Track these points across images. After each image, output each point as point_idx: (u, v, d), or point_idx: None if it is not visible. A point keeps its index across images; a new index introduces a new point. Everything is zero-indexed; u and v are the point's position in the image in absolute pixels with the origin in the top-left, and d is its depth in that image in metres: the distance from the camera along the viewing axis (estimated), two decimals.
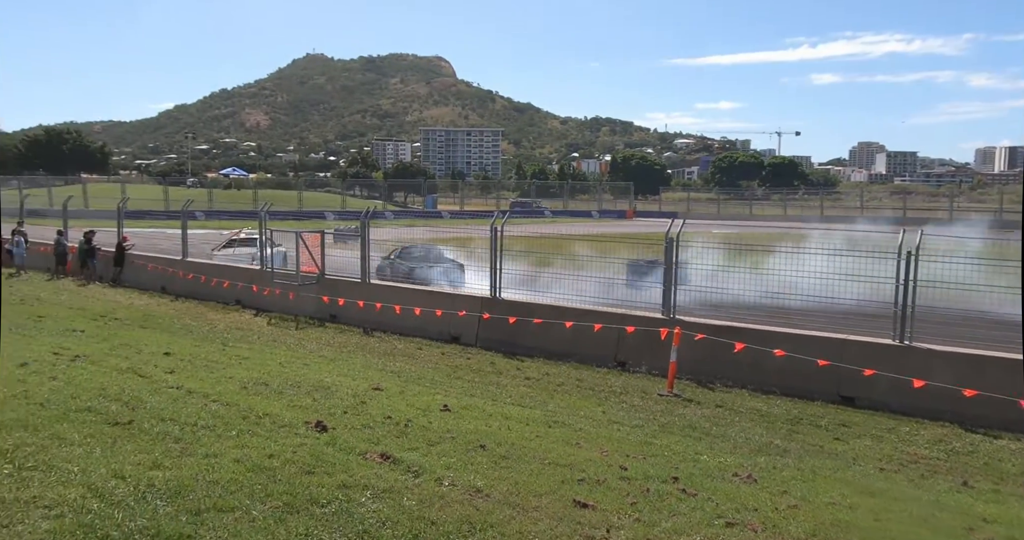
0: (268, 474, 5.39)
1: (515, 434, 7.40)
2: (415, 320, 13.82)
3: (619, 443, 7.56)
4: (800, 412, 9.78)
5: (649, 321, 11.93)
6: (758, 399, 10.37)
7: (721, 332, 11.24)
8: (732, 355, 10.79)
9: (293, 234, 16.95)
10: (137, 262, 20.71)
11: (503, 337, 13.05)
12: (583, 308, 12.69)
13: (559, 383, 10.85)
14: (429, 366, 11.72)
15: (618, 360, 12.02)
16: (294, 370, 10.09)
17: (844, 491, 6.51)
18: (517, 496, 5.44)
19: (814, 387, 10.44)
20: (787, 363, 10.49)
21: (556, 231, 19.04)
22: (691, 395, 10.37)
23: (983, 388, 9.26)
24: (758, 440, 8.38)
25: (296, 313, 15.95)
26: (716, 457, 7.33)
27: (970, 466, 7.93)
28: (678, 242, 12.35)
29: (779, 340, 10.85)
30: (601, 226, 43.45)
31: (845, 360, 10.34)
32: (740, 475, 6.62)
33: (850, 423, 9.36)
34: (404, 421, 7.44)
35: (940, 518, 5.96)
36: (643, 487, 5.90)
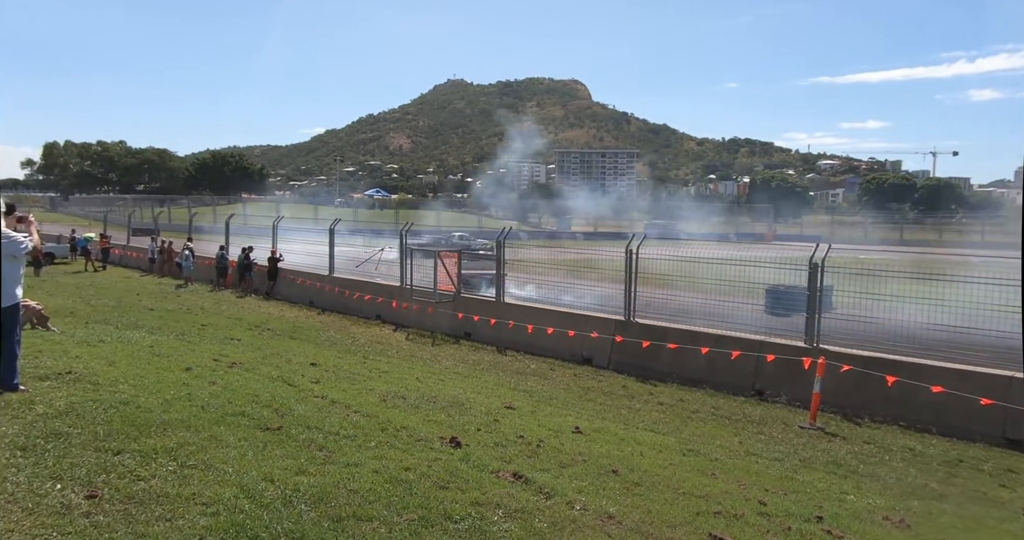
0: (405, 486, 5.54)
1: (648, 460, 7.26)
2: (547, 340, 13.88)
3: (757, 476, 7.25)
4: (959, 454, 9.04)
5: (790, 349, 11.42)
6: (911, 437, 9.68)
7: (870, 364, 10.59)
8: (883, 389, 10.14)
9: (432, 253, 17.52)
10: (288, 276, 22.01)
11: (636, 360, 12.87)
12: (719, 333, 12.31)
13: (693, 410, 10.56)
14: (561, 387, 11.72)
15: (756, 389, 11.57)
16: (430, 385, 10.36)
17: None
18: (650, 525, 5.32)
19: (975, 427, 9.64)
20: (945, 400, 9.74)
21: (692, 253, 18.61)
22: (835, 429, 9.81)
23: None
24: (911, 482, 7.81)
25: (432, 329, 16.41)
26: (864, 497, 6.88)
27: None
28: (823, 267, 11.77)
29: (935, 374, 10.10)
30: (739, 250, 42.14)
31: (1011, 399, 9.49)
32: (891, 519, 6.18)
33: (1018, 469, 8.55)
34: (536, 441, 7.46)
35: None
36: (784, 524, 5.62)
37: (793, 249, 13.31)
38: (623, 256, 13.71)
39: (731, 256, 23.99)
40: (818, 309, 11.64)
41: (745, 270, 16.23)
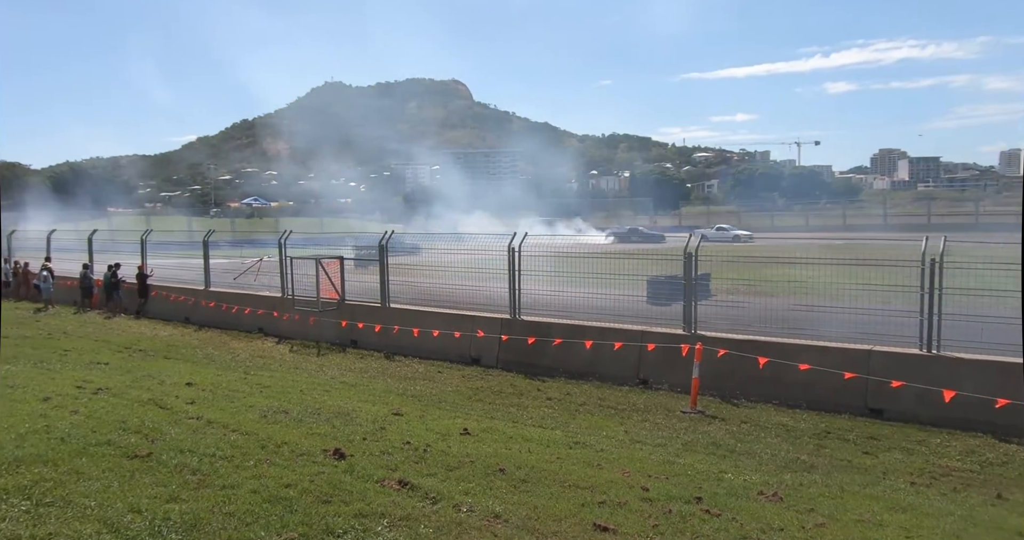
0: (285, 504, 5.36)
1: (535, 457, 7.32)
2: (434, 342, 13.80)
3: (641, 463, 7.45)
4: (828, 426, 9.60)
5: (670, 337, 11.81)
6: (784, 414, 10.20)
7: (744, 346, 11.09)
8: (756, 370, 10.64)
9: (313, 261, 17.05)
10: (160, 293, 20.93)
11: (523, 358, 12.99)
12: (603, 326, 12.59)
13: (581, 403, 10.75)
14: (449, 389, 11.68)
15: (640, 378, 11.90)
16: (314, 397, 10.09)
17: (874, 507, 6.35)
18: (536, 521, 5.36)
19: (841, 400, 10.26)
20: (812, 376, 10.32)
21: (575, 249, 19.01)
22: (715, 411, 10.22)
23: (1017, 397, 9.03)
24: (784, 456, 8.23)
25: (317, 339, 16.00)
26: (741, 475, 7.19)
27: (1004, 478, 7.73)
28: (697, 257, 12.23)
29: (803, 353, 10.68)
30: (621, 243, 43.30)
31: (872, 371, 10.17)
32: (765, 493, 6.48)
33: (879, 436, 9.17)
34: (423, 446, 7.39)
35: (973, 533, 5.78)
36: (665, 508, 5.79)
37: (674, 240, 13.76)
38: (505, 254, 13.80)
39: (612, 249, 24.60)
40: (694, 297, 12.06)
41: (626, 262, 16.66)
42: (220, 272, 21.25)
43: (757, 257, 21.73)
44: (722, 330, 11.93)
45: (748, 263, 17.99)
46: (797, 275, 19.99)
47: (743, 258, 20.08)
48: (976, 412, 9.25)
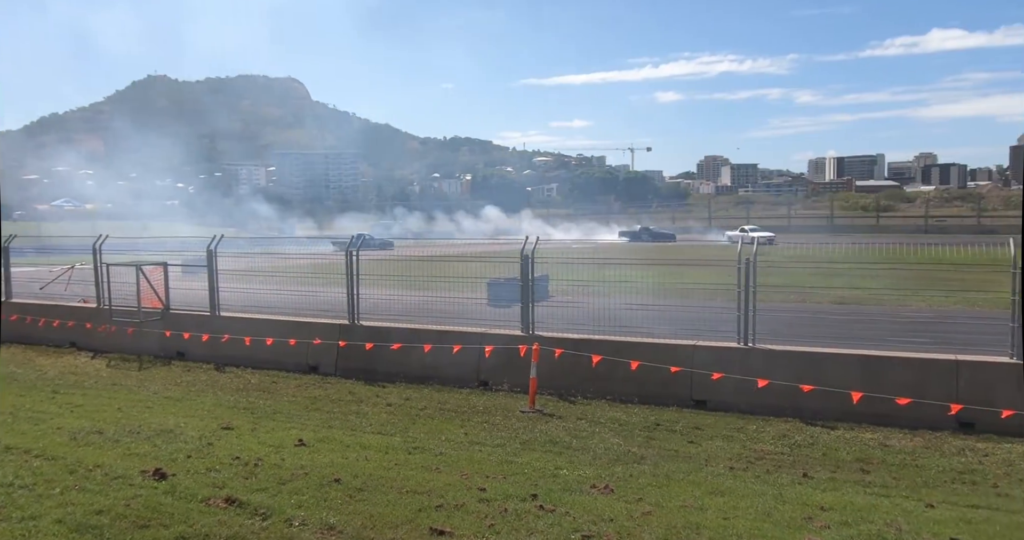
0: (95, 533, 4.95)
1: (373, 464, 7.20)
2: (269, 351, 13.24)
3: (480, 464, 7.50)
4: (657, 418, 10.08)
5: (509, 339, 11.99)
6: (617, 409, 10.61)
7: (579, 345, 11.45)
8: (591, 367, 11.01)
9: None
10: None
11: (362, 364, 12.73)
12: (442, 329, 12.59)
13: (421, 407, 10.68)
14: (285, 399, 11.24)
15: (481, 379, 12.01)
16: (134, 415, 9.39)
17: (696, 493, 6.74)
18: (372, 530, 5.27)
19: (669, 393, 10.81)
20: (643, 372, 10.82)
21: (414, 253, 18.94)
22: (553, 410, 10.48)
23: (820, 383, 9.92)
24: (617, 450, 8.56)
25: (138, 352, 14.91)
26: (576, 470, 7.41)
27: (810, 458, 8.43)
28: (533, 258, 12.50)
29: (634, 350, 11.18)
30: (462, 246, 43.57)
31: (696, 365, 10.79)
32: (598, 486, 6.72)
33: (703, 426, 9.74)
34: (254, 461, 7.07)
35: (782, 511, 6.26)
36: (502, 507, 5.86)
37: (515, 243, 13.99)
38: (343, 258, 13.49)
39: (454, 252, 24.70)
40: (531, 299, 12.31)
41: (469, 265, 16.76)
42: (25, 281, 19.34)
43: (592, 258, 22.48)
44: (559, 330, 12.27)
45: (584, 264, 18.56)
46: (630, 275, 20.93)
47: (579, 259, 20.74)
48: (786, 399, 10.06)
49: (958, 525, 6.05)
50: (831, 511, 6.28)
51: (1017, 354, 9.67)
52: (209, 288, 14.85)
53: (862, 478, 7.62)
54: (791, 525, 5.89)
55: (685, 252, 23.83)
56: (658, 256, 25.29)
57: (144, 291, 15.12)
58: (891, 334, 14.81)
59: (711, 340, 11.29)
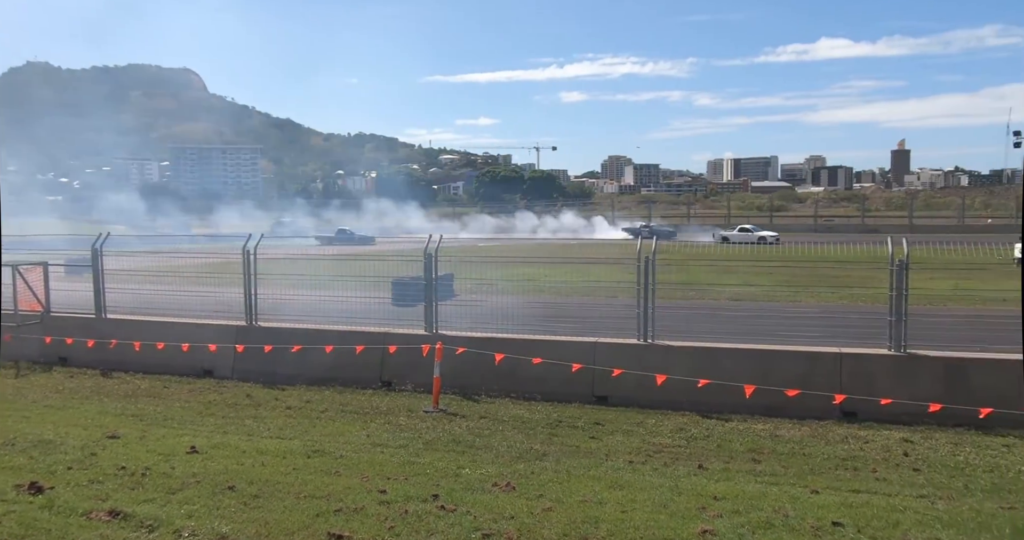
0: None
1: (270, 470, 6.99)
2: (160, 356, 12.65)
3: (381, 466, 7.40)
4: (559, 415, 10.20)
5: (413, 338, 11.89)
6: (521, 406, 10.68)
7: (483, 344, 11.45)
8: (494, 366, 11.03)
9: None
10: None
11: (261, 366, 12.35)
12: (345, 330, 12.36)
13: (322, 410, 10.45)
14: (177, 405, 10.78)
15: (384, 380, 11.86)
16: (9, 425, 8.80)
17: (596, 487, 6.86)
18: (267, 537, 5.12)
19: (571, 390, 10.95)
20: (545, 369, 10.92)
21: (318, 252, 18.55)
22: (456, 409, 10.45)
23: (716, 377, 10.25)
24: (519, 447, 8.61)
25: (15, 359, 13.97)
26: (478, 469, 7.42)
27: (706, 449, 8.71)
28: (437, 257, 12.44)
29: (537, 347, 11.28)
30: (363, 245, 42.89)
31: (597, 361, 10.97)
32: (500, 484, 6.74)
33: (604, 421, 9.91)
34: (141, 470, 6.75)
35: (678, 502, 6.45)
36: (402, 509, 5.80)
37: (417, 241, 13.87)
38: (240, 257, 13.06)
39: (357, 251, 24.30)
40: (434, 297, 12.25)
41: (371, 264, 16.52)
42: None
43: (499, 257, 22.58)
44: (464, 329, 12.25)
45: (490, 263, 18.59)
46: (535, 274, 21.14)
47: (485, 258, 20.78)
48: (684, 393, 10.35)
49: (840, 509, 6.38)
50: (724, 500, 6.51)
51: (895, 346, 10.28)
52: (94, 289, 14.09)
53: (753, 468, 7.93)
54: (686, 515, 6.08)
55: (590, 251, 24.25)
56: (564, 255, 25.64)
57: (21, 293, 14.19)
58: (782, 329, 15.46)
59: (612, 337, 11.52)
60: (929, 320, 14.48)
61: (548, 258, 23.35)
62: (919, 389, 9.84)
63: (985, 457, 8.26)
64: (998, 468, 7.87)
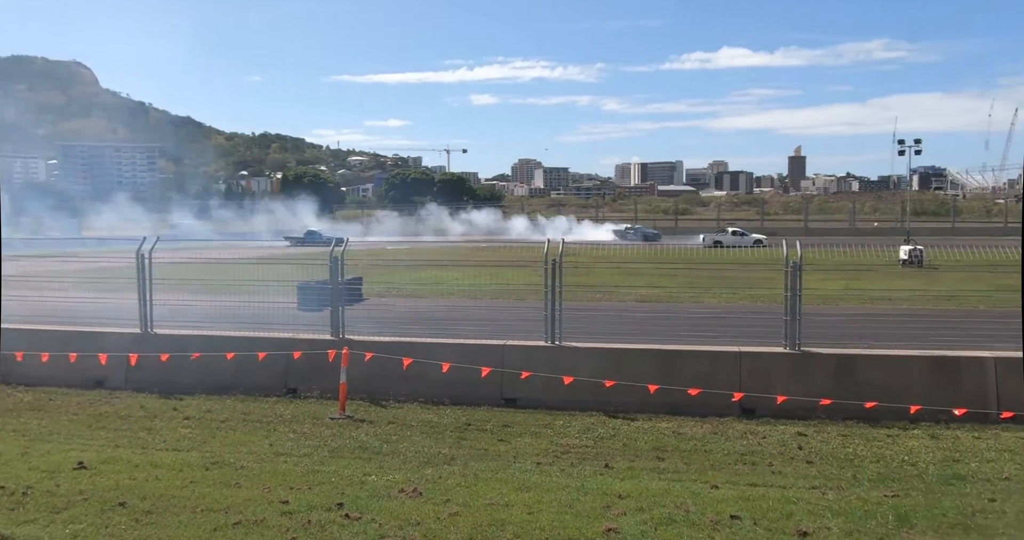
0: None
1: (164, 484, 6.70)
2: (45, 367, 11.91)
3: (284, 476, 7.20)
4: (468, 418, 10.17)
5: (319, 344, 11.63)
6: (429, 411, 10.59)
7: (391, 348, 11.31)
8: (402, 370, 10.91)
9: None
10: None
11: (158, 376, 11.80)
12: (247, 336, 11.97)
13: (223, 419, 10.08)
14: (64, 418, 10.18)
15: (289, 387, 11.55)
16: None
17: (503, 490, 6.87)
18: None
19: (480, 393, 10.94)
20: (454, 373, 10.86)
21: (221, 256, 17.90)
22: (364, 415, 10.28)
23: (622, 377, 10.45)
24: (427, 452, 8.54)
25: None
26: (385, 475, 7.32)
27: (612, 449, 8.86)
28: (343, 260, 12.22)
29: (446, 351, 11.21)
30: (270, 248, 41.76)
31: (506, 364, 11.01)
32: (406, 490, 6.67)
33: (513, 423, 9.94)
34: (22, 489, 6.35)
35: (584, 501, 6.54)
36: (305, 519, 5.66)
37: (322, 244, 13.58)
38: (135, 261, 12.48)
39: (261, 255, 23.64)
40: (341, 302, 12.03)
41: (276, 268, 16.09)
42: None
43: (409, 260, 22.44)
44: (372, 333, 12.09)
45: (400, 266, 18.40)
46: (444, 277, 21.08)
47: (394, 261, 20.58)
48: (591, 393, 10.49)
49: (738, 503, 6.61)
50: (628, 498, 6.63)
51: (790, 345, 10.73)
52: None
53: (657, 465, 8.12)
54: (591, 515, 6.16)
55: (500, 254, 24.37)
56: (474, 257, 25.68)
57: None
58: (686, 329, 15.92)
59: (520, 339, 11.59)
60: (822, 319, 15.20)
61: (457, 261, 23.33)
62: (812, 385, 10.31)
63: (872, 448, 8.71)
64: (884, 458, 8.31)
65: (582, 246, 18.25)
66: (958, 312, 18.47)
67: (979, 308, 18.29)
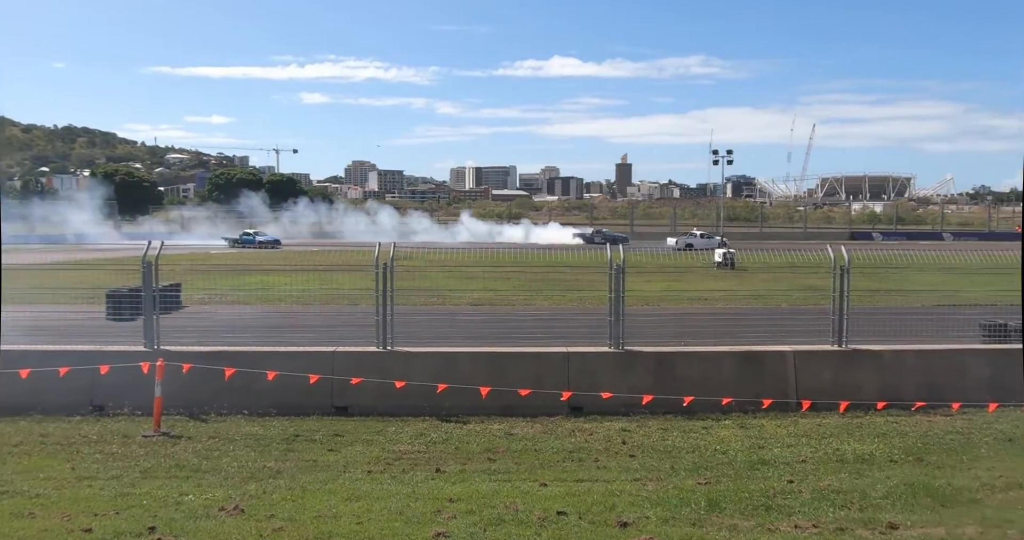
0: None
1: None
2: None
3: (88, 502, 6.61)
4: (297, 429, 9.80)
5: (130, 356, 10.77)
6: (255, 423, 10.12)
7: (213, 358, 10.70)
8: (224, 381, 10.35)
9: None
10: None
11: None
12: (46, 349, 10.92)
13: (15, 443, 9.09)
14: None
15: (95, 404, 10.62)
16: None
17: (332, 501, 6.68)
18: None
19: (310, 402, 10.59)
20: (281, 382, 10.46)
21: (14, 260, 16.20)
22: (181, 430, 9.64)
23: (454, 381, 10.48)
24: (252, 466, 8.14)
25: None
26: (204, 494, 6.90)
27: (444, 453, 8.86)
28: (158, 265, 11.43)
29: (272, 359, 10.78)
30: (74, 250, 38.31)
31: (336, 371, 10.73)
32: (227, 508, 6.33)
33: (344, 432, 9.70)
34: None
35: (414, 507, 6.48)
36: None
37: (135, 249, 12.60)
38: None
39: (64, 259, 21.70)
40: (155, 310, 11.23)
41: (82, 274, 14.79)
42: None
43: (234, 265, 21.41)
44: (191, 343, 11.39)
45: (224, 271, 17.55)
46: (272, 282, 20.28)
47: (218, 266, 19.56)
48: (424, 398, 10.45)
49: (565, 499, 6.81)
50: (459, 501, 6.65)
51: (614, 344, 11.21)
52: None
53: (489, 467, 8.20)
54: (421, 520, 6.12)
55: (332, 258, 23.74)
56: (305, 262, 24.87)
57: None
58: (517, 331, 16.25)
59: (352, 345, 11.35)
60: (644, 319, 16.04)
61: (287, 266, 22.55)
62: (636, 382, 10.84)
63: (689, 439, 9.28)
64: (699, 448, 8.88)
65: (416, 249, 18.23)
66: (764, 310, 20.16)
67: (782, 306, 20.01)
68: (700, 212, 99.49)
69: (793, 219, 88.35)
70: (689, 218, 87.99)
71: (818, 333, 11.67)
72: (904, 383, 10.96)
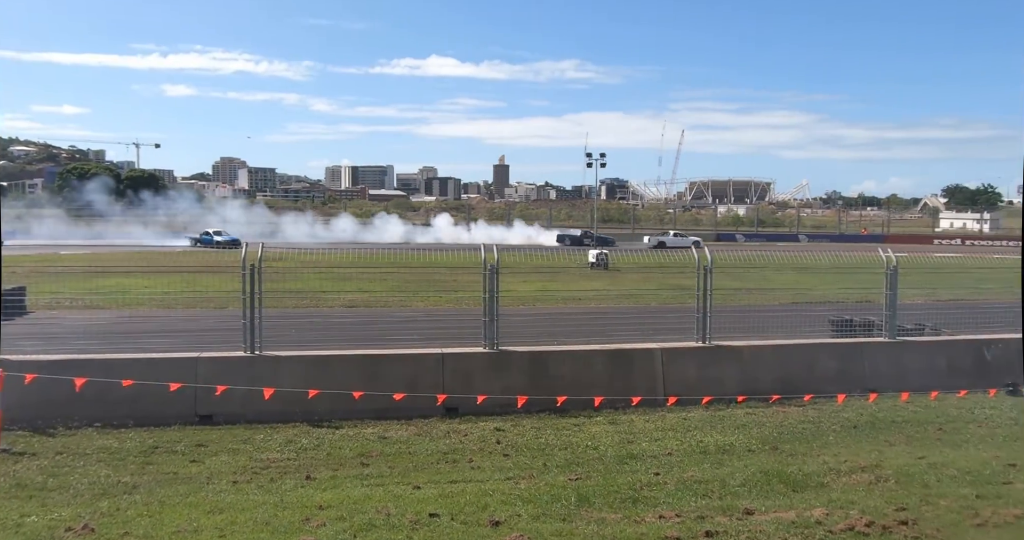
0: None
1: None
2: None
3: None
4: (156, 440, 9.27)
5: None
6: (109, 435, 9.48)
7: (60, 367, 9.95)
8: (74, 392, 9.64)
9: None
10: None
11: None
12: None
13: None
14: None
15: None
16: None
17: (193, 515, 6.36)
18: None
19: (170, 411, 10.04)
20: (139, 390, 9.86)
21: None
22: (24, 447, 8.90)
23: (327, 385, 10.22)
24: (104, 482, 7.62)
25: None
26: (49, 514, 6.40)
27: (315, 459, 8.62)
28: (0, 267, 10.53)
29: (128, 367, 10.15)
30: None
31: (200, 378, 10.23)
32: (75, 528, 5.89)
33: (208, 442, 9.25)
34: None
35: (282, 517, 6.26)
36: None
37: None
38: None
39: None
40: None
41: None
42: None
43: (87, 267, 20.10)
44: (36, 352, 10.57)
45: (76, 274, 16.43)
46: (131, 285, 19.14)
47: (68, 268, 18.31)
48: (295, 404, 10.14)
49: (438, 501, 6.77)
50: (329, 509, 6.48)
51: (489, 344, 11.26)
52: None
53: (362, 472, 8.05)
54: (289, 530, 5.92)
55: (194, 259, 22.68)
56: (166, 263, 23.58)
57: None
58: (393, 333, 16.10)
59: (216, 351, 10.87)
60: (519, 319, 16.26)
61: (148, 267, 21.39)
62: (510, 382, 10.94)
63: (561, 437, 9.45)
64: (571, 445, 9.05)
65: (288, 250, 17.69)
66: (635, 309, 20.89)
67: (651, 305, 20.80)
68: (575, 213, 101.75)
69: (664, 221, 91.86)
70: (565, 219, 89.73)
71: (684, 330, 12.17)
72: (762, 377, 11.61)
